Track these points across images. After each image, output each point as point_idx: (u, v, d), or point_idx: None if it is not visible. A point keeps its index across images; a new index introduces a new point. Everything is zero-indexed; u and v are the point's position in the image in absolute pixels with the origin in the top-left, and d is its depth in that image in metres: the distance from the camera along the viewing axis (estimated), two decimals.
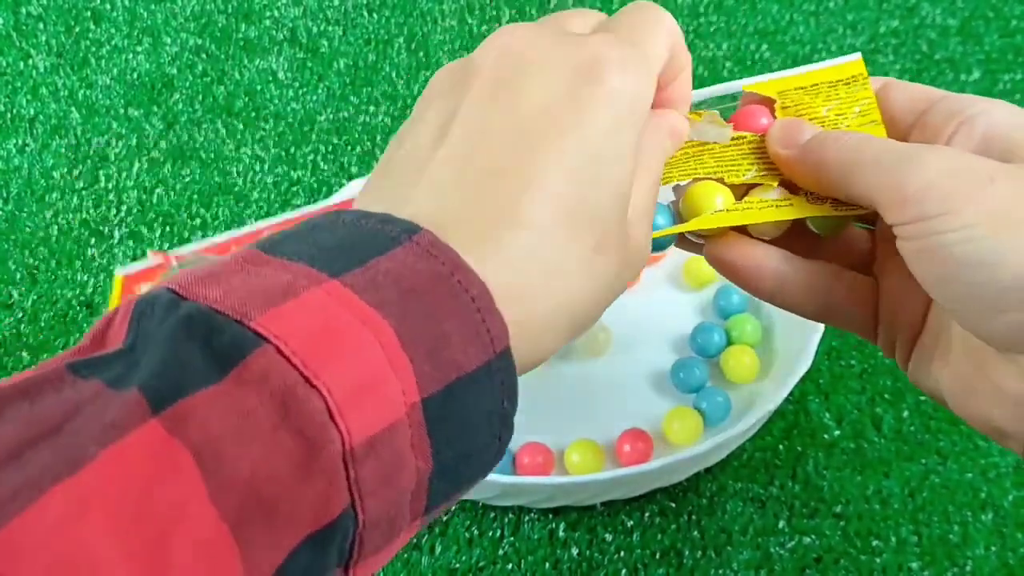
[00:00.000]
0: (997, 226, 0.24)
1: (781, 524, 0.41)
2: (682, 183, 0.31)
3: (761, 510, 0.42)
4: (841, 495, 0.42)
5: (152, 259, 0.39)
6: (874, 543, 0.41)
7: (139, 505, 0.16)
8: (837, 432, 0.44)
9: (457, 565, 0.40)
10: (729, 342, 0.47)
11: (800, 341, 0.43)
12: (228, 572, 0.17)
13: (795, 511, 0.42)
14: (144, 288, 0.37)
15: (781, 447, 0.44)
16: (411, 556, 0.40)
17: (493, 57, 0.25)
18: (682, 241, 0.32)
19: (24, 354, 0.48)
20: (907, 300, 0.29)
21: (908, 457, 0.43)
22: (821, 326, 0.43)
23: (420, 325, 0.20)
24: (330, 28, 0.67)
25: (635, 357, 0.47)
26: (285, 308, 0.19)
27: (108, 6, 0.68)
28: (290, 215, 0.40)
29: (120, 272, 0.39)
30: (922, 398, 0.45)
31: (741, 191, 0.31)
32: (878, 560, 0.40)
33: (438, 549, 0.41)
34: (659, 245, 0.31)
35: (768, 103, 0.32)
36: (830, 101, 0.31)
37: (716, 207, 0.30)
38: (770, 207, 0.30)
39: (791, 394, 0.45)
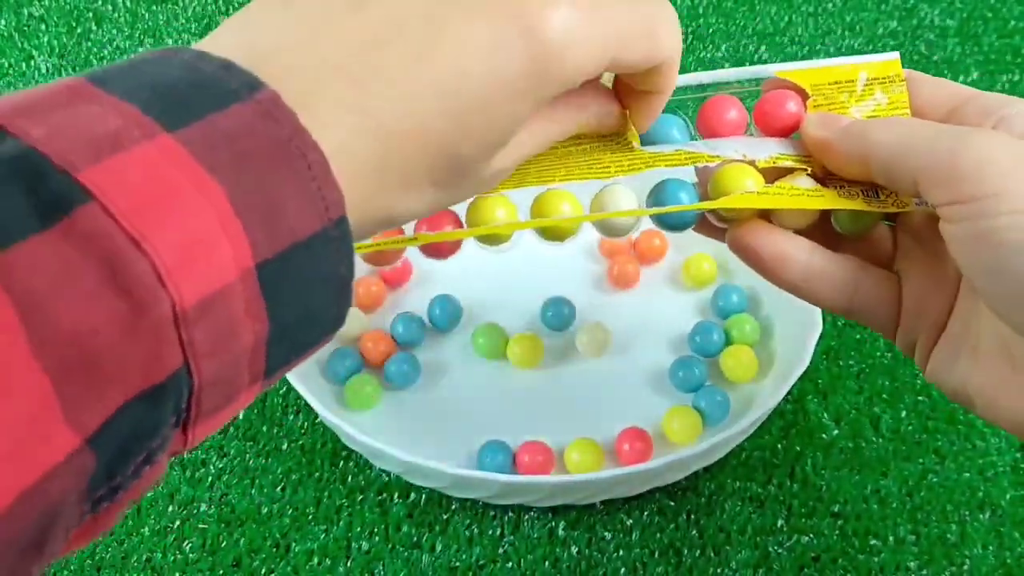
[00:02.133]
0: None
1: (779, 523, 0.41)
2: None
3: (759, 509, 0.42)
4: (839, 494, 0.42)
5: None
6: (872, 542, 0.41)
7: None
8: (835, 432, 0.44)
9: (457, 563, 0.41)
10: (728, 342, 0.47)
11: (799, 341, 0.43)
12: (50, 425, 0.17)
13: (793, 510, 0.42)
14: None
15: (779, 446, 0.44)
16: (411, 554, 0.41)
17: None
18: (702, 225, 0.32)
19: None
20: (930, 298, 0.29)
21: (906, 457, 0.44)
22: (819, 326, 0.43)
23: (255, 190, 0.19)
24: None
25: (635, 357, 0.47)
26: (114, 162, 0.18)
27: (110, 7, 0.69)
28: None
29: None
30: (920, 398, 0.46)
31: (771, 177, 0.30)
32: (876, 559, 0.40)
33: (438, 547, 0.41)
34: (682, 223, 0.31)
35: (799, 92, 0.32)
36: (863, 100, 0.31)
37: (746, 189, 0.30)
38: (801, 195, 0.29)
39: (789, 394, 0.45)
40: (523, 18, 0.23)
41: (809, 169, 0.30)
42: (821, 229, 0.31)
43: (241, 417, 0.45)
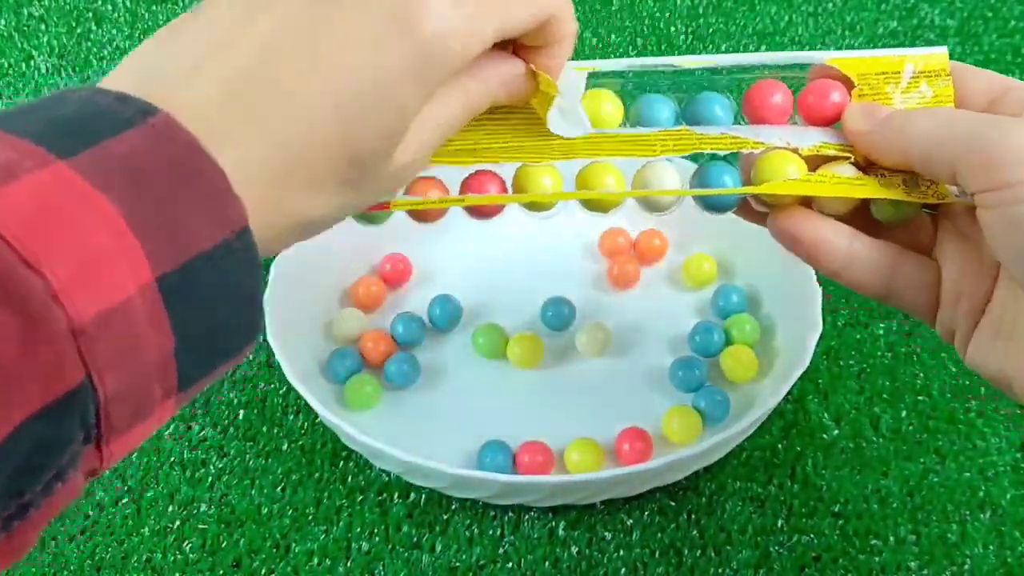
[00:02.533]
0: None
1: (780, 523, 0.41)
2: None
3: (760, 509, 0.42)
4: (840, 494, 0.42)
5: None
6: (872, 542, 0.41)
7: None
8: (836, 431, 0.44)
9: (457, 564, 0.40)
10: (728, 341, 0.47)
11: (799, 341, 0.43)
12: None
13: (794, 510, 0.42)
14: None
15: (780, 446, 0.44)
16: (411, 554, 0.41)
17: None
18: (743, 209, 0.33)
19: None
20: (969, 284, 0.30)
21: (906, 456, 0.44)
22: (819, 326, 0.43)
23: (151, 208, 0.20)
24: None
25: (635, 357, 0.47)
26: (7, 191, 0.19)
27: (109, 7, 0.69)
28: None
29: None
30: (920, 398, 0.46)
31: (813, 165, 0.31)
32: (877, 559, 0.40)
33: (438, 547, 0.41)
34: (723, 206, 0.32)
35: (844, 81, 0.32)
36: (908, 92, 0.32)
37: (789, 176, 0.30)
38: (843, 184, 0.30)
39: (790, 393, 0.45)
40: (402, 12, 0.24)
41: (852, 158, 0.31)
42: (861, 215, 0.31)
43: (241, 417, 0.45)
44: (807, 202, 0.31)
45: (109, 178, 0.20)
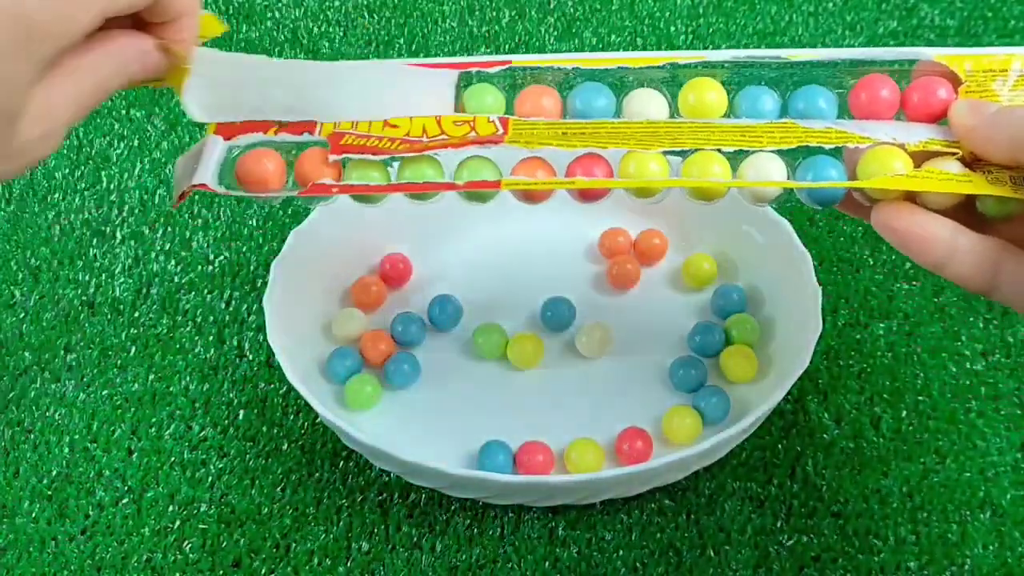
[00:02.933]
0: None
1: (779, 523, 0.41)
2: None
3: (760, 509, 0.42)
4: (839, 494, 0.42)
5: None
6: (872, 542, 0.41)
7: None
8: (836, 431, 0.44)
9: (457, 564, 0.41)
10: (728, 341, 0.47)
11: (798, 341, 0.43)
12: None
13: (793, 510, 0.42)
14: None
15: (780, 446, 0.44)
16: (411, 554, 0.41)
17: None
18: (847, 203, 0.33)
19: (26, 354, 0.48)
20: None
21: (906, 456, 0.44)
22: (819, 326, 0.43)
23: None
24: (331, 29, 0.67)
25: (635, 357, 0.47)
26: None
27: None
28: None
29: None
30: (920, 398, 0.46)
31: (918, 160, 0.31)
32: (876, 559, 0.40)
33: (439, 547, 0.41)
34: (828, 199, 0.33)
35: (949, 78, 0.32)
36: (1015, 90, 0.32)
37: (895, 171, 0.31)
38: (950, 180, 0.30)
39: (790, 393, 0.45)
40: None
41: (959, 153, 0.31)
42: (965, 209, 0.32)
43: (241, 417, 0.45)
44: (911, 196, 0.32)
45: None
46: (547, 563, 0.41)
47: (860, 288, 0.50)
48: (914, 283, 0.50)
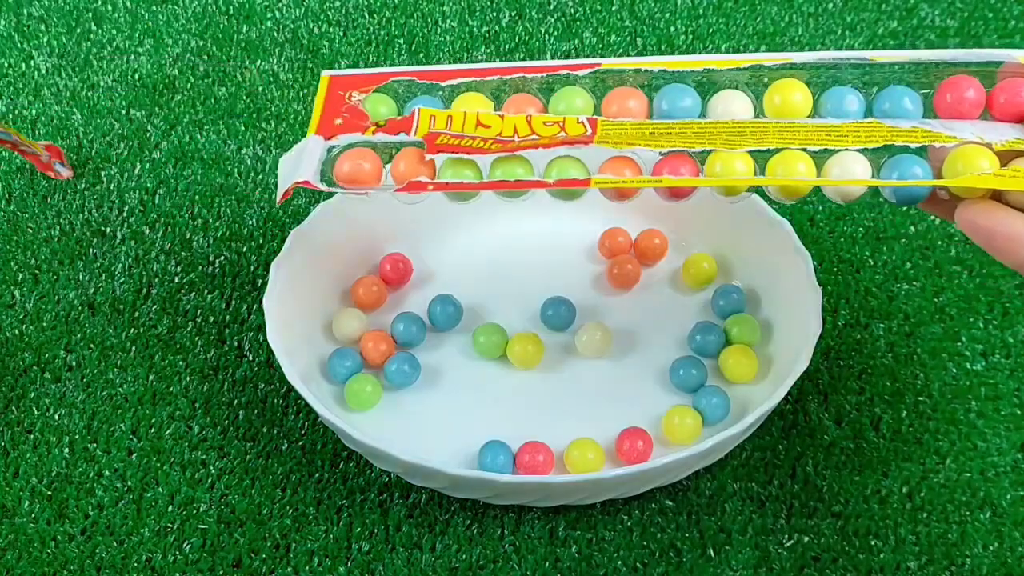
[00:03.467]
0: None
1: (780, 523, 0.41)
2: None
3: (760, 509, 0.42)
4: (840, 494, 0.42)
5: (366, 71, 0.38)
6: (872, 542, 0.41)
7: None
8: (836, 432, 0.44)
9: (458, 564, 0.40)
10: (728, 342, 0.47)
11: (799, 341, 0.43)
12: None
13: (794, 510, 0.42)
14: (355, 96, 0.37)
15: (780, 447, 0.44)
16: (412, 554, 0.41)
17: None
18: (930, 202, 0.33)
19: (26, 355, 0.48)
20: None
21: (906, 457, 0.44)
22: (819, 326, 0.43)
23: None
24: (331, 29, 0.67)
25: (635, 357, 0.47)
26: None
27: (109, 7, 0.69)
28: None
29: (327, 73, 0.38)
30: (920, 398, 0.46)
31: (1004, 160, 0.32)
32: (876, 559, 0.40)
33: (439, 547, 0.41)
34: (913, 197, 0.33)
35: None
36: None
37: (982, 170, 0.31)
38: None
39: (790, 394, 0.45)
40: None
41: None
42: None
43: (241, 417, 0.45)
44: (996, 195, 0.32)
45: None
46: (547, 563, 0.41)
47: (860, 288, 0.50)
48: (914, 283, 0.51)
